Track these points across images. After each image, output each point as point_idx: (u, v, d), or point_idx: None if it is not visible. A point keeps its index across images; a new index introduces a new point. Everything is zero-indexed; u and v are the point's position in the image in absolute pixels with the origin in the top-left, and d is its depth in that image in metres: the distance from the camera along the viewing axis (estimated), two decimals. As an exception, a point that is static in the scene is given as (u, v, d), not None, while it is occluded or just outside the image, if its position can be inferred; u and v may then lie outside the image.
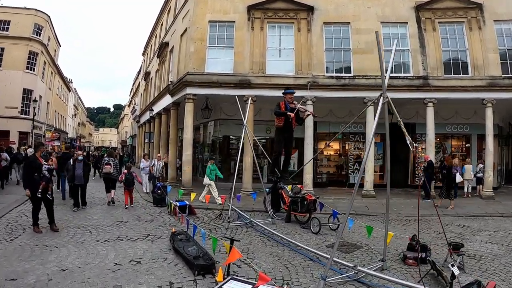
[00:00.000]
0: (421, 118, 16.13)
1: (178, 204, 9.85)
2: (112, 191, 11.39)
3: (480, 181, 14.76)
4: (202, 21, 14.91)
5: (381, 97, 5.19)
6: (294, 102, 8.34)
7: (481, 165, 14.99)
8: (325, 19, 14.92)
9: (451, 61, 14.71)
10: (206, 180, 12.26)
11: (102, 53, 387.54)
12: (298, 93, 14.42)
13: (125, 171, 11.59)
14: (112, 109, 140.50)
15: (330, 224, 8.77)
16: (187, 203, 10.14)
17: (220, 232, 8.34)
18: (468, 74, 14.43)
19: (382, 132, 16.44)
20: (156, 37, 26.76)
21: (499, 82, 14.06)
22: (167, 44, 20.37)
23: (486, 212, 11.26)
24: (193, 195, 10.83)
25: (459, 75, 14.46)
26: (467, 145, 17.71)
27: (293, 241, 7.19)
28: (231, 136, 17.66)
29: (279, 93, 14.09)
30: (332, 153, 18.19)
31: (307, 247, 6.77)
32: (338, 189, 16.46)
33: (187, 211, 9.84)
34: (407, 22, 14.92)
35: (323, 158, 17.89)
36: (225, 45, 14.84)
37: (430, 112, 14.29)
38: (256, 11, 14.84)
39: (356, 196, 13.74)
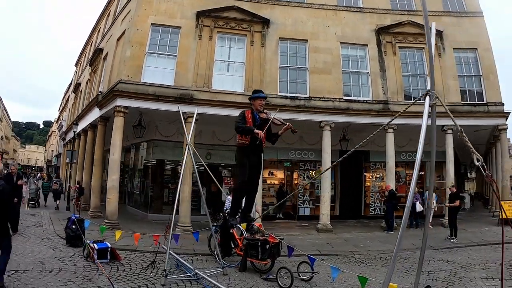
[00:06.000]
0: (375, 146, 16.11)
1: (96, 247, 7.81)
2: (58, 200, 17.02)
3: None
4: (144, 23, 13.60)
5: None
6: (265, 111, 5.88)
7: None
8: (282, 35, 14.43)
9: (411, 87, 14.87)
10: None
11: (36, 67, 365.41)
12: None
13: (77, 185, 16.56)
14: (42, 126, 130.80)
15: (300, 274, 7.27)
16: (109, 245, 8.10)
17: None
18: (428, 101, 14.59)
19: (334, 160, 16.26)
20: (91, 44, 24.83)
21: (459, 109, 14.39)
22: (101, 50, 18.68)
23: (460, 242, 10.99)
24: (118, 234, 8.25)
25: (420, 101, 14.51)
26: (421, 173, 17.75)
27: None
28: (166, 161, 16.12)
29: (225, 111, 13.22)
30: (276, 182, 17.20)
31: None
32: (287, 222, 15.47)
33: (108, 256, 7.90)
34: (367, 44, 14.93)
35: (268, 187, 16.84)
36: (167, 53, 13.60)
37: (390, 138, 14.11)
38: (206, 19, 13.94)
39: (310, 231, 13.28)
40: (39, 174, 30.05)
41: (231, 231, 8.75)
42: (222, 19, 14.06)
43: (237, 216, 5.96)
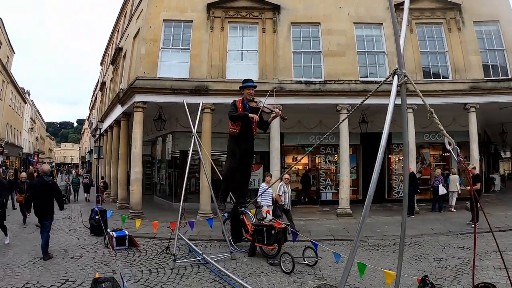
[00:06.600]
0: (397, 127, 15.39)
1: (115, 235, 8.57)
2: (88, 194, 19.48)
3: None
4: (156, 20, 14.04)
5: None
6: (255, 99, 6.07)
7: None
8: (293, 19, 14.35)
9: (430, 64, 14.39)
10: None
11: (69, 66, 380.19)
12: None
13: (102, 181, 19.27)
14: (75, 124, 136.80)
15: (306, 259, 7.38)
16: (127, 233, 8.81)
17: (162, 275, 6.75)
18: (449, 78, 14.13)
19: (356, 143, 16.24)
20: (112, 44, 25.69)
21: (482, 85, 13.82)
22: (121, 49, 19.33)
23: (481, 227, 10.28)
24: (137, 223, 9.00)
25: (440, 79, 14.17)
26: (445, 154, 17.39)
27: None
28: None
29: (241, 100, 13.53)
30: (300, 167, 17.33)
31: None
32: (309, 207, 15.60)
33: (127, 243, 8.60)
34: (382, 23, 14.50)
35: (291, 173, 16.97)
36: (181, 47, 13.97)
37: (410, 119, 13.67)
38: (217, 10, 14.12)
39: (330, 216, 13.35)
40: (74, 171, 31.77)
41: (241, 217, 9.00)
42: (232, 9, 14.18)
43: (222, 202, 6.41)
